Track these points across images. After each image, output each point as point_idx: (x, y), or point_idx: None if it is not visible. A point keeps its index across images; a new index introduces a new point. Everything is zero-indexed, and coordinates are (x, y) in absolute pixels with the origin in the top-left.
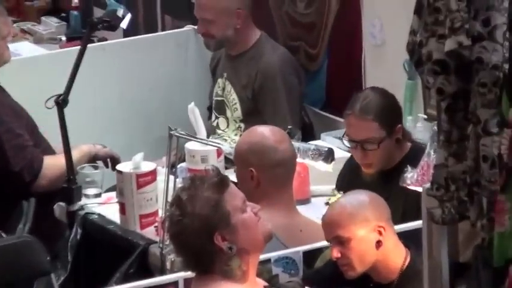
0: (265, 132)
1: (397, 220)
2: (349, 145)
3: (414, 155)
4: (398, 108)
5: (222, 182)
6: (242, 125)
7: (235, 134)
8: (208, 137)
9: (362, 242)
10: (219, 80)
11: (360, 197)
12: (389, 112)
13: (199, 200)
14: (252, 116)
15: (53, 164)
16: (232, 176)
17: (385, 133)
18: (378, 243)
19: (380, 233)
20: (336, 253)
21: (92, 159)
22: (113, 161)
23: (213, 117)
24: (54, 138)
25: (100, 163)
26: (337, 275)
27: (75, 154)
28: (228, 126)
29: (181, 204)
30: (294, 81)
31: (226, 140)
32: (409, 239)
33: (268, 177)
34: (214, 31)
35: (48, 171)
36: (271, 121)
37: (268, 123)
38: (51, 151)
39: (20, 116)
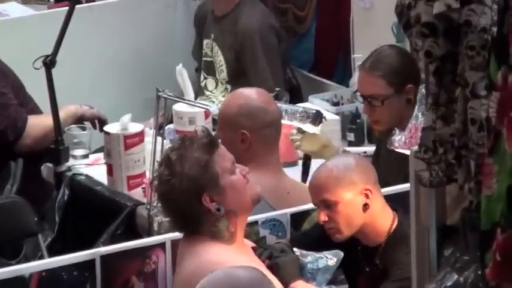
0: (251, 94)
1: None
2: (359, 97)
3: None
4: (412, 68)
5: (212, 143)
6: (229, 86)
7: (223, 96)
8: (196, 98)
9: (349, 205)
10: (207, 41)
11: (346, 160)
12: (400, 70)
13: (188, 161)
14: (237, 77)
15: (38, 123)
16: None
17: (392, 91)
18: (365, 206)
19: (367, 196)
20: (323, 217)
21: (78, 119)
22: (100, 122)
23: (202, 78)
24: (41, 99)
25: (87, 124)
26: (324, 237)
27: (62, 114)
28: (216, 87)
29: (170, 164)
30: (273, 39)
31: (213, 101)
32: (396, 202)
33: (259, 138)
34: None
35: (32, 130)
36: (254, 81)
37: (252, 84)
38: (38, 111)
39: (6, 75)
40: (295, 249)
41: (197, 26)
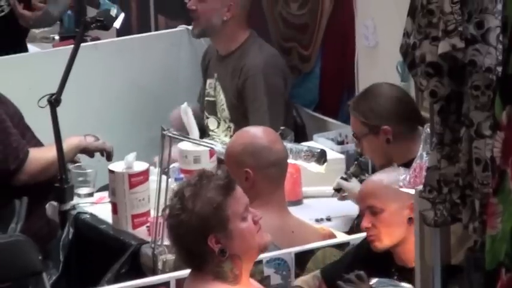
0: (257, 132)
1: None
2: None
3: None
4: (389, 110)
5: (229, 185)
6: (232, 125)
7: (225, 135)
8: (202, 137)
9: (394, 215)
10: (210, 81)
11: (399, 173)
12: (374, 112)
13: (201, 199)
14: (240, 116)
15: (38, 158)
16: None
17: (367, 130)
18: (410, 220)
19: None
20: (366, 223)
21: (82, 151)
22: (106, 154)
23: (204, 117)
24: (46, 138)
25: (92, 162)
26: (355, 263)
27: (63, 147)
28: (218, 126)
29: (183, 198)
30: (278, 82)
31: (217, 141)
32: None
33: (263, 177)
34: (201, 10)
35: (31, 166)
36: (252, 121)
37: (249, 122)
38: (38, 145)
39: (3, 103)
40: (372, 279)
41: (203, 69)
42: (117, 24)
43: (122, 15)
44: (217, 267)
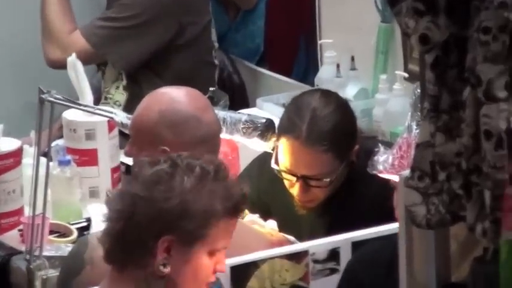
0: (180, 96)
1: None
2: (284, 176)
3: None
4: (355, 122)
5: (239, 206)
6: (122, 76)
7: (116, 88)
8: (98, 102)
9: None
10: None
11: None
12: (345, 134)
13: (201, 191)
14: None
15: None
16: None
17: (339, 162)
18: None
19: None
20: None
21: None
22: None
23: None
24: None
25: None
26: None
27: None
28: (103, 76)
29: (171, 173)
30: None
31: (110, 99)
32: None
33: None
34: None
35: None
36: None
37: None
38: None
39: None
40: None
41: None
42: None
43: None
44: (145, 279)
